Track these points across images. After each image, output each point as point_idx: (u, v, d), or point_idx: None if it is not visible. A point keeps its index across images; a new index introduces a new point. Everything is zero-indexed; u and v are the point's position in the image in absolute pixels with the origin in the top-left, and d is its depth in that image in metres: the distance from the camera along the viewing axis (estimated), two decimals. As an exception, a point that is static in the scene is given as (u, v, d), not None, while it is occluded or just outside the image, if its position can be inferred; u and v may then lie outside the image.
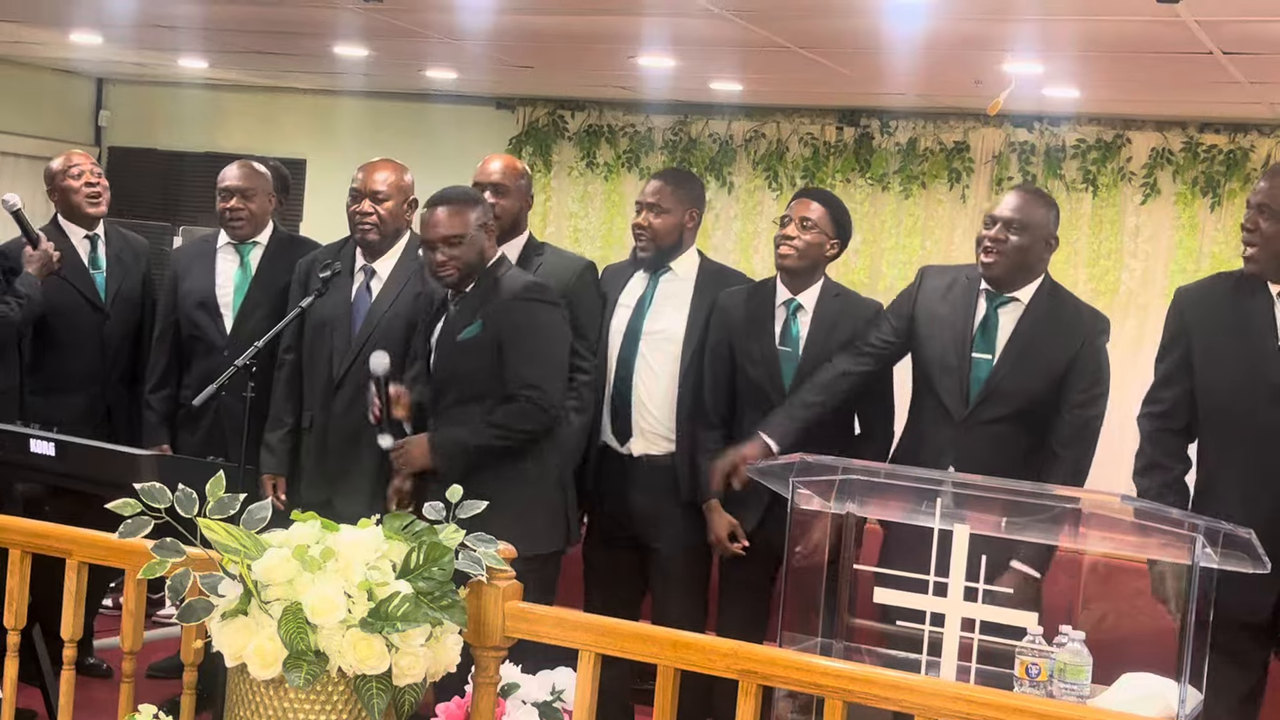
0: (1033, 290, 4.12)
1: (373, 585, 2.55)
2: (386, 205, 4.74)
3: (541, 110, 9.59)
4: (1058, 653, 3.01)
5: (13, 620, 3.22)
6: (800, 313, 4.43)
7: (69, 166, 5.31)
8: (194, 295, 5.14)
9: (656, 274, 4.66)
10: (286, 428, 4.85)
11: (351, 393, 4.71)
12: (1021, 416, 4.04)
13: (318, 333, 4.81)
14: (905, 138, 8.73)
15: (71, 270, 5.22)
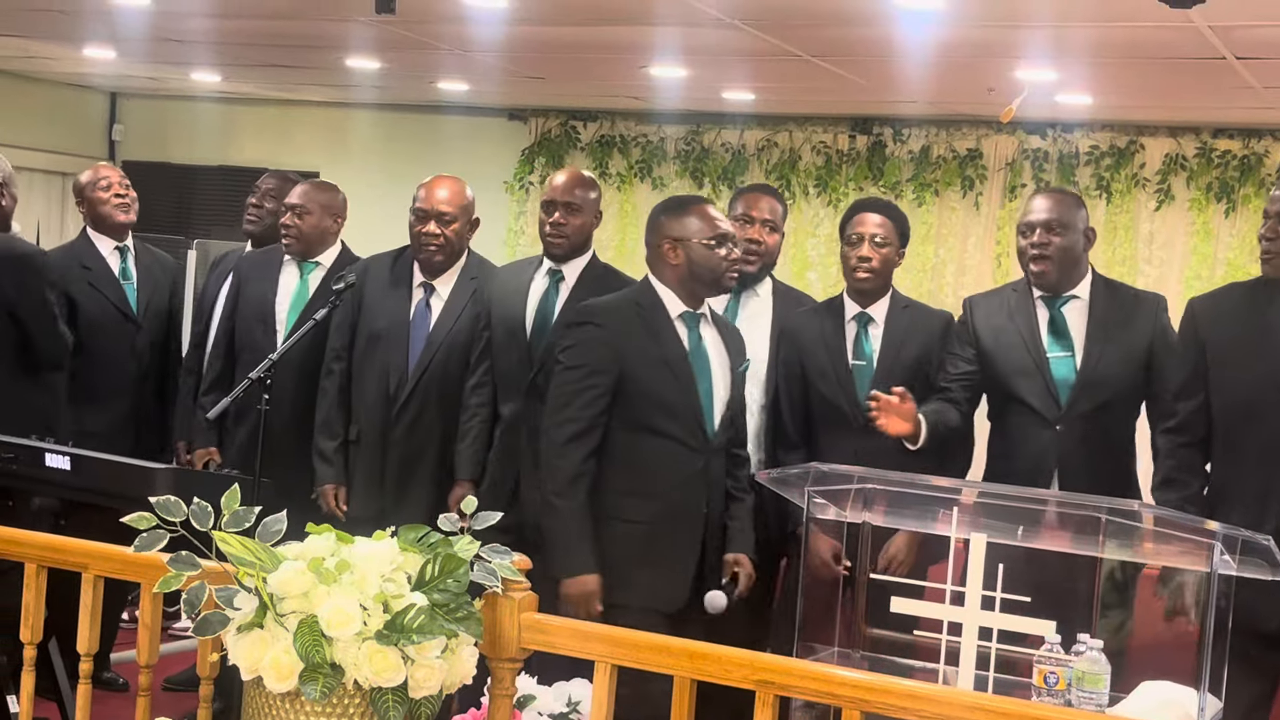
0: (1088, 284, 4.18)
1: (388, 597, 2.55)
2: (453, 227, 4.70)
3: (554, 121, 9.60)
4: (1076, 661, 2.99)
5: (29, 634, 3.21)
6: (871, 326, 4.38)
7: (98, 179, 5.36)
8: (253, 304, 5.12)
9: (739, 295, 4.53)
10: (340, 439, 4.79)
11: (415, 412, 4.68)
12: (1114, 406, 4.09)
13: (371, 344, 4.75)
14: (918, 145, 8.73)
15: (103, 282, 5.26)
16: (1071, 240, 4.13)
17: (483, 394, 4.64)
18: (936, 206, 8.70)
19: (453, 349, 4.69)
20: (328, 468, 4.77)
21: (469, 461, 4.61)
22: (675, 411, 3.84)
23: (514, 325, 4.58)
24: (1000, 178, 8.58)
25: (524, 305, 4.59)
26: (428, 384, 4.70)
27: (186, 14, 6.74)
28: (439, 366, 4.69)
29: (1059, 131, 8.38)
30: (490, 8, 5.88)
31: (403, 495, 4.67)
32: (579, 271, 4.59)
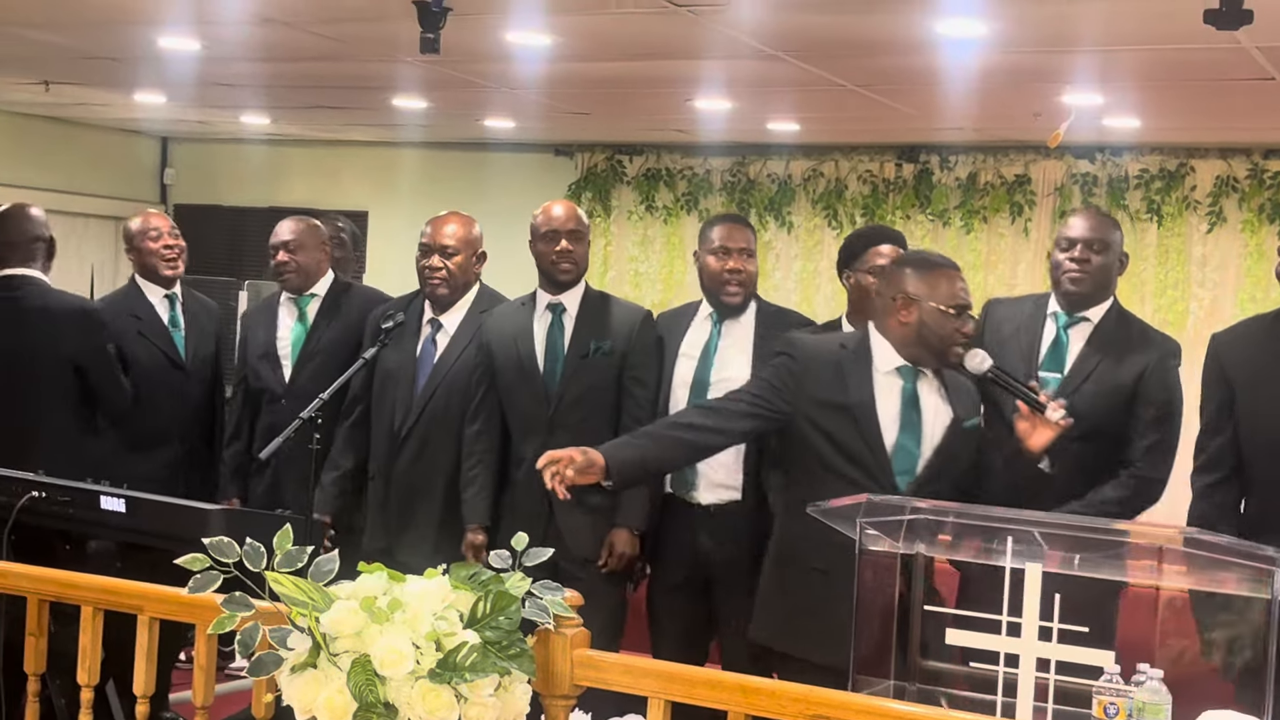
0: (1103, 311, 4.12)
1: (440, 635, 2.55)
2: (456, 260, 4.75)
3: (600, 155, 9.63)
4: (1136, 691, 2.95)
5: (86, 677, 3.23)
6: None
7: (147, 229, 5.41)
8: (258, 348, 5.22)
9: (720, 321, 4.58)
10: (339, 471, 4.90)
11: (417, 445, 4.75)
12: (1092, 437, 3.99)
13: (383, 384, 4.85)
14: (965, 172, 8.70)
15: (152, 330, 5.32)
16: (1109, 260, 4.10)
17: (485, 441, 4.67)
18: (985, 233, 8.66)
19: (455, 382, 4.74)
20: (319, 497, 4.84)
21: (479, 508, 4.65)
22: (858, 458, 3.72)
23: (526, 366, 4.61)
24: (1049, 203, 8.53)
25: (531, 345, 4.62)
26: (430, 417, 4.75)
27: (235, 58, 6.82)
28: (441, 400, 4.75)
29: (1108, 155, 8.33)
30: (535, 45, 5.92)
31: (406, 529, 4.74)
32: (579, 301, 4.64)
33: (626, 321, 4.61)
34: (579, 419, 4.55)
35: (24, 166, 9.57)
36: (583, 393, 4.56)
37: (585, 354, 4.56)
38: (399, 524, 4.76)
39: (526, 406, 4.62)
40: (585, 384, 4.57)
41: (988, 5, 4.87)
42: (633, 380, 4.54)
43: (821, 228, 9.03)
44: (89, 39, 6.49)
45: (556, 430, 4.53)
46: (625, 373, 4.54)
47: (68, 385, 5.03)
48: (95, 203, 10.01)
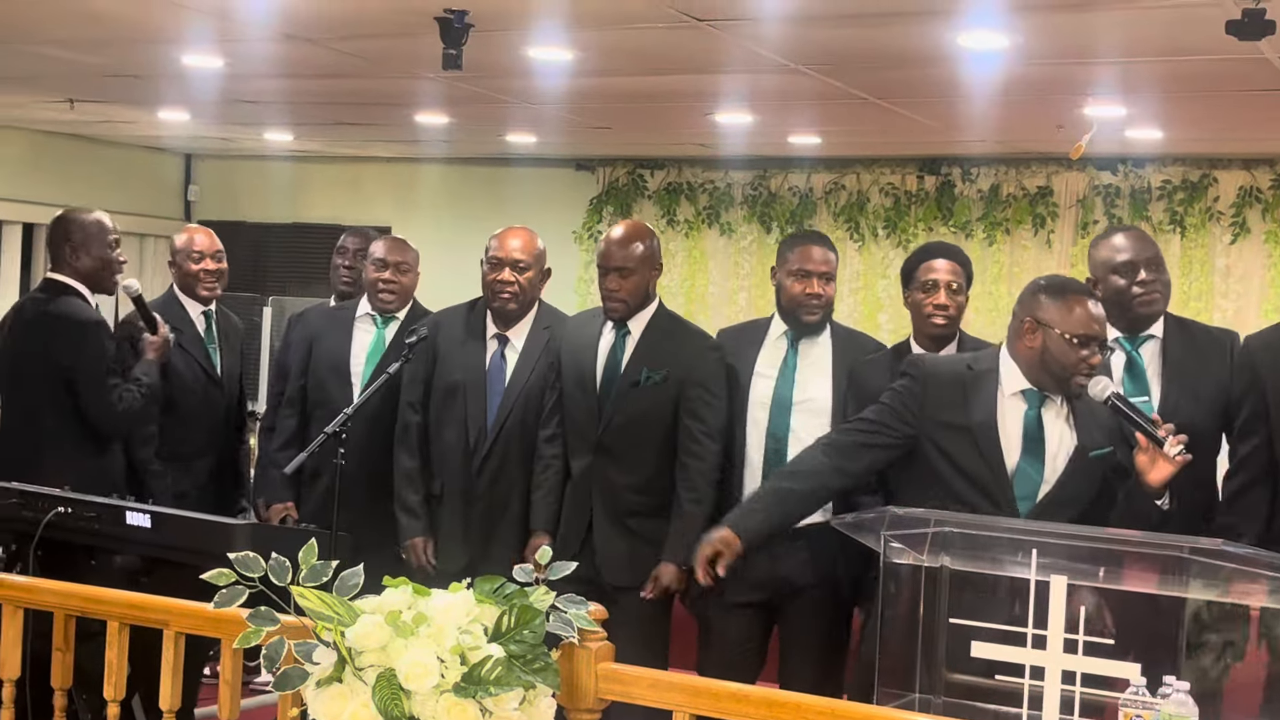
0: (1162, 323, 4.08)
1: (465, 649, 2.55)
2: (527, 275, 4.71)
3: (621, 170, 9.65)
4: (1162, 704, 2.94)
5: (112, 692, 3.25)
6: None
7: (191, 249, 5.43)
8: (328, 360, 5.16)
9: (796, 342, 4.49)
10: (424, 492, 4.80)
11: (497, 464, 4.69)
12: (1193, 450, 3.95)
13: (448, 397, 4.77)
14: (987, 184, 8.69)
15: (192, 344, 5.34)
16: (1168, 277, 4.07)
17: (557, 445, 4.63)
18: (1008, 245, 8.65)
19: (530, 399, 4.70)
20: (414, 521, 4.76)
21: (544, 512, 4.60)
22: (979, 480, 3.67)
23: (584, 379, 4.57)
24: (1072, 215, 8.51)
25: (593, 360, 4.57)
26: (508, 436, 4.71)
27: (258, 75, 6.86)
28: (517, 418, 4.70)
29: (1130, 167, 8.31)
30: (556, 60, 5.93)
31: (489, 548, 4.67)
32: (644, 324, 4.57)
33: (691, 350, 4.53)
34: (627, 445, 4.49)
35: (49, 184, 9.63)
36: (631, 419, 4.49)
37: (636, 381, 4.50)
38: (481, 544, 4.69)
39: (580, 421, 4.57)
40: (635, 411, 4.49)
41: (1010, 18, 4.87)
42: (689, 412, 4.44)
43: (843, 241, 9.02)
44: (113, 57, 6.53)
45: (602, 451, 4.50)
46: (683, 403, 4.45)
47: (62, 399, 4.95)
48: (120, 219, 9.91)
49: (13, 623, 3.39)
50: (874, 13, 4.89)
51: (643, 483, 4.49)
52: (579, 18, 5.25)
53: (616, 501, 4.50)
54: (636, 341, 4.55)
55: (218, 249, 5.50)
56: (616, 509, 4.49)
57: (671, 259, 9.47)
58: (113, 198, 10.02)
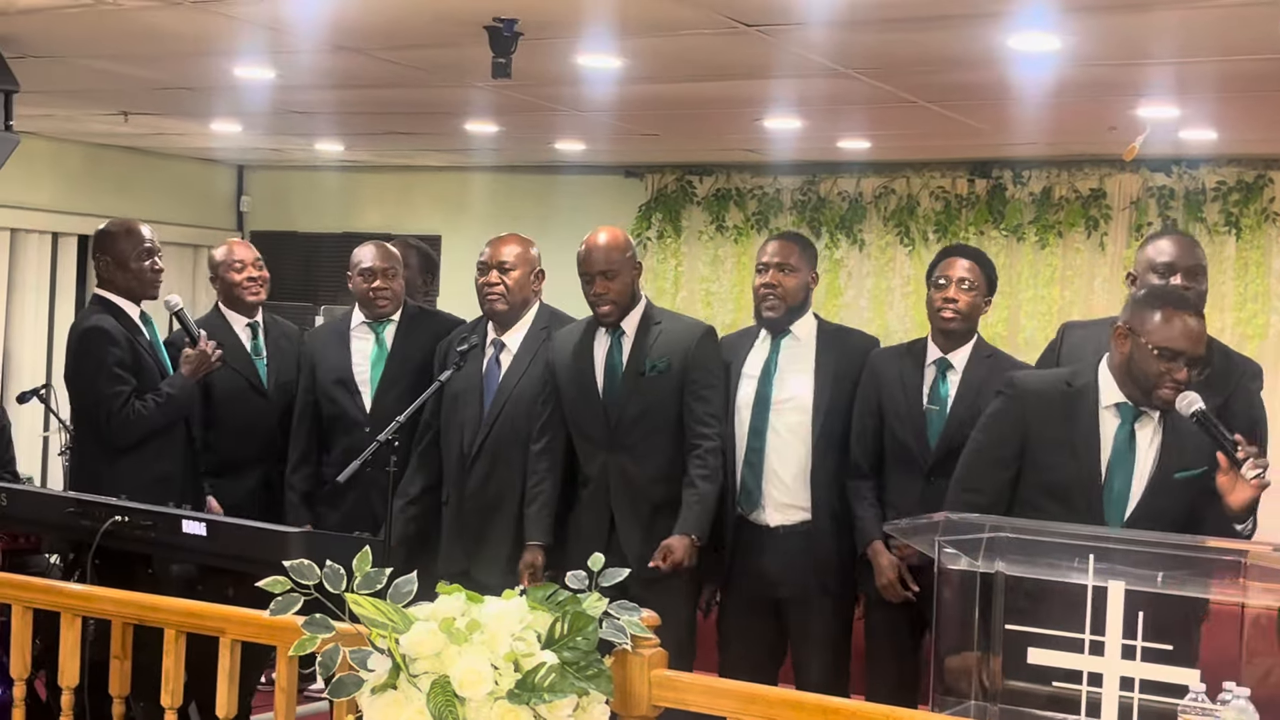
0: None
1: (519, 656, 2.55)
2: (513, 275, 4.81)
3: (670, 176, 9.65)
4: (1222, 711, 2.91)
5: (169, 699, 3.27)
6: (950, 372, 4.41)
7: (231, 260, 5.47)
8: (331, 374, 5.25)
9: (777, 339, 4.62)
10: (406, 498, 4.93)
11: (486, 465, 4.79)
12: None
13: (450, 406, 4.89)
14: (1039, 187, 8.63)
15: (235, 357, 5.37)
16: (1206, 289, 4.05)
17: (548, 458, 4.71)
18: (1060, 248, 8.58)
19: (520, 400, 4.79)
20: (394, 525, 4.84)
21: (539, 525, 4.68)
22: (1066, 497, 3.62)
23: (586, 386, 4.66)
24: (1125, 217, 8.44)
25: (592, 365, 4.66)
26: (498, 435, 4.79)
27: (309, 86, 6.90)
28: (508, 417, 4.79)
29: (1184, 168, 8.22)
30: (605, 68, 5.94)
31: (481, 547, 4.77)
32: (636, 322, 4.66)
33: (685, 338, 4.63)
34: (640, 437, 4.58)
35: (103, 196, 9.72)
36: (642, 411, 4.58)
37: (642, 372, 4.59)
38: (475, 544, 4.79)
39: (588, 426, 4.65)
40: (644, 403, 4.59)
41: (1061, 19, 4.84)
42: (693, 396, 4.55)
43: (894, 245, 8.98)
44: (166, 70, 6.59)
45: (618, 449, 4.59)
46: (686, 389, 4.55)
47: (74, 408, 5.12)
48: (173, 231, 10.13)
49: (71, 631, 3.43)
50: (923, 16, 4.87)
51: (660, 473, 4.58)
52: (627, 25, 5.25)
53: (638, 495, 4.59)
54: (633, 338, 4.65)
55: (257, 257, 5.54)
56: (638, 503, 4.58)
57: (721, 265, 9.46)
58: (166, 209, 10.13)
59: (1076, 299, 8.48)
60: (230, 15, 5.31)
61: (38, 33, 5.71)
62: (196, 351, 5.08)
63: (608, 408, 4.62)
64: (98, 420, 4.94)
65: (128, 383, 4.94)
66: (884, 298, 8.95)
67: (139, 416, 4.92)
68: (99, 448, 5.00)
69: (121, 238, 5.12)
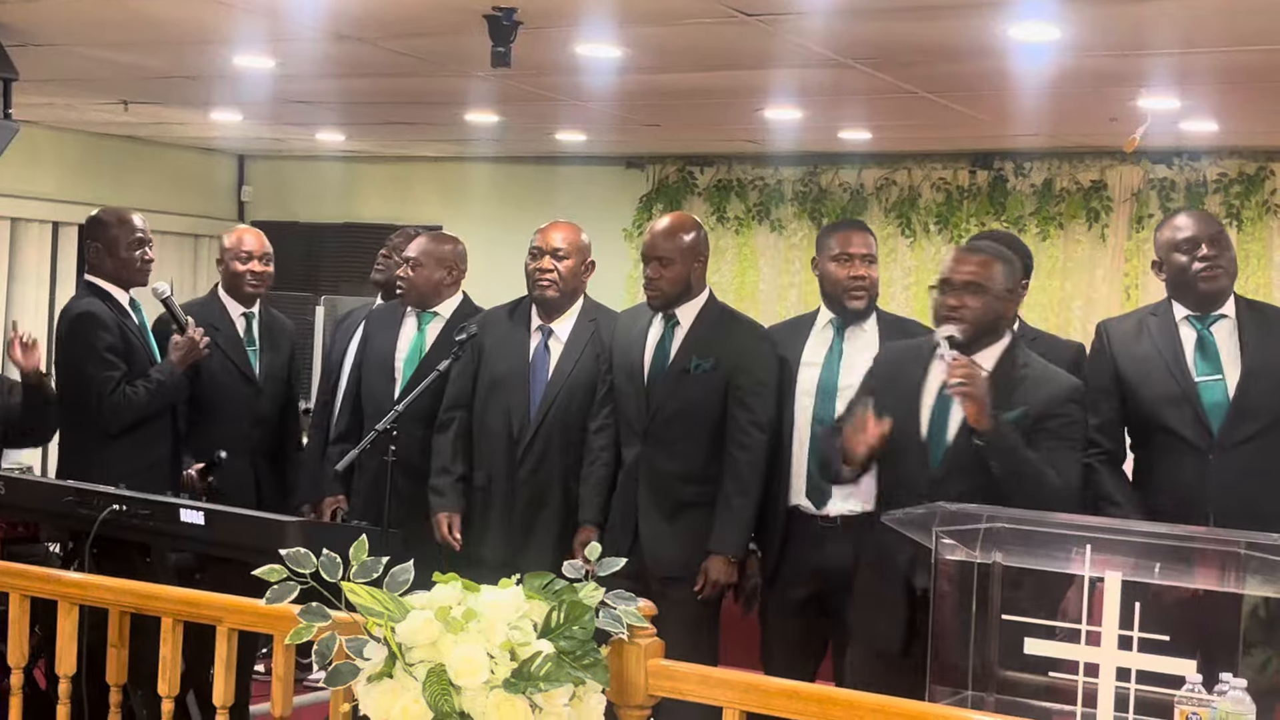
0: (1233, 304, 4.05)
1: (515, 645, 2.55)
2: (566, 263, 4.77)
3: (671, 167, 9.64)
4: (1219, 701, 2.90)
5: (166, 688, 3.27)
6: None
7: (240, 250, 5.47)
8: (374, 356, 5.24)
9: (842, 330, 4.49)
10: (455, 475, 4.83)
11: (539, 454, 4.73)
12: (1270, 431, 3.93)
13: (493, 390, 4.82)
14: (1040, 179, 8.62)
15: (229, 344, 5.37)
16: (1234, 253, 4.04)
17: (605, 436, 4.65)
18: (1061, 240, 8.57)
19: (574, 390, 4.74)
20: (440, 499, 4.81)
21: (592, 505, 4.63)
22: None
23: (633, 371, 4.60)
24: (1126, 209, 8.43)
25: (641, 351, 4.59)
26: (550, 425, 4.73)
27: (309, 75, 6.89)
28: (560, 408, 4.73)
29: (1185, 160, 8.21)
30: (606, 58, 5.93)
31: (529, 537, 4.72)
32: (694, 315, 4.59)
33: (740, 340, 4.55)
34: (674, 434, 4.51)
35: (103, 185, 9.72)
36: (680, 408, 4.51)
37: (686, 369, 4.52)
38: (522, 534, 4.73)
39: (629, 413, 4.60)
40: (684, 400, 4.51)
41: (1062, 9, 4.83)
42: (737, 402, 4.45)
43: (895, 236, 8.97)
44: (166, 59, 6.58)
45: (651, 442, 4.53)
46: (730, 393, 4.46)
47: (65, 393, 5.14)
48: (174, 220, 10.13)
49: (69, 619, 3.43)
50: (924, 6, 4.86)
51: (692, 472, 4.50)
52: (628, 14, 5.25)
53: (665, 492, 4.51)
54: (686, 331, 4.57)
55: (266, 251, 5.53)
56: (664, 499, 4.51)
57: (721, 256, 9.44)
58: (167, 199, 10.13)
59: (1077, 291, 8.48)
60: (230, 3, 5.31)
61: (38, 21, 5.70)
62: (185, 339, 5.09)
63: (649, 399, 4.54)
64: (89, 404, 4.95)
65: (118, 367, 4.95)
66: (885, 289, 8.92)
67: (130, 402, 4.93)
68: (89, 433, 5.00)
69: (113, 225, 5.14)
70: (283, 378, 5.57)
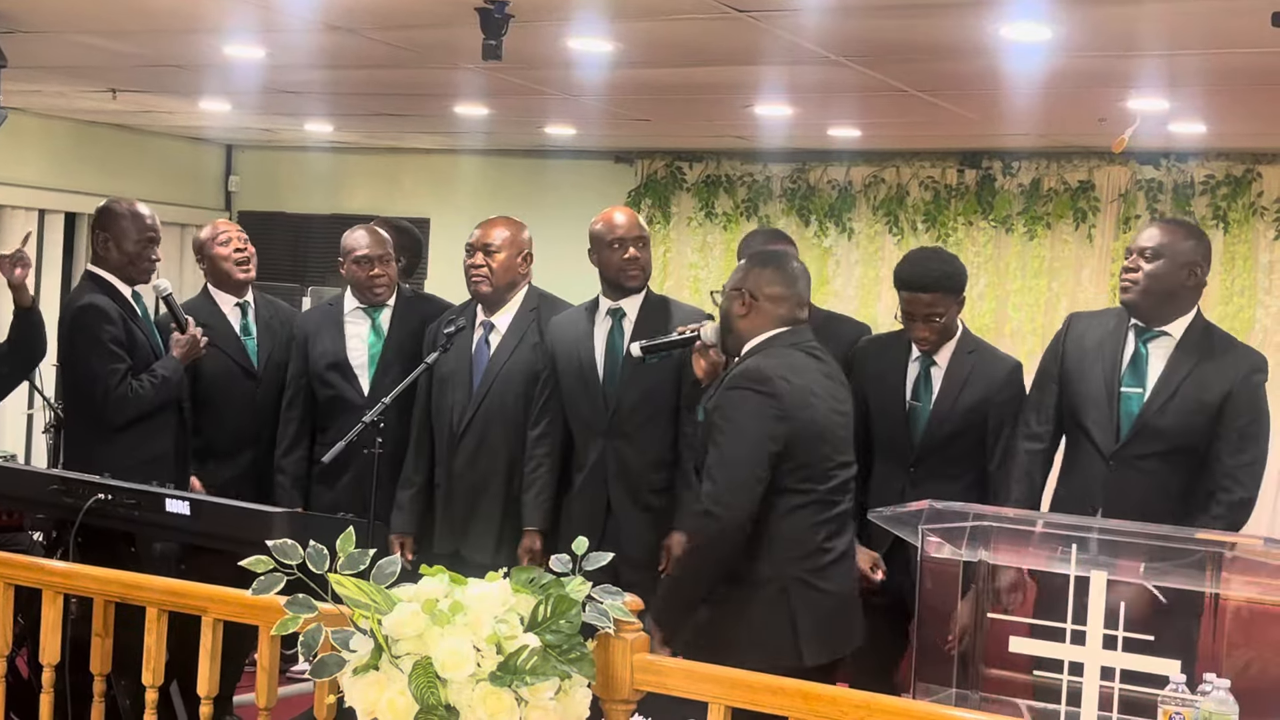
0: (1184, 325, 4.05)
1: (501, 639, 2.56)
2: (498, 258, 4.83)
3: (660, 162, 9.63)
4: (1202, 702, 2.92)
5: (150, 678, 3.27)
6: (933, 368, 4.41)
7: (217, 234, 5.45)
8: (325, 358, 5.23)
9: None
10: (415, 487, 4.93)
11: (474, 444, 4.80)
12: (1173, 454, 3.96)
13: (440, 388, 4.91)
14: (1028, 178, 8.63)
15: (224, 338, 5.35)
16: (1165, 270, 4.01)
17: (546, 444, 4.72)
18: (1049, 239, 8.59)
19: (510, 378, 4.81)
20: (398, 516, 4.93)
21: (536, 511, 4.69)
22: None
23: (586, 371, 4.67)
24: (1114, 209, 8.44)
25: (591, 350, 4.68)
26: (486, 414, 4.80)
27: (299, 65, 6.87)
28: (497, 397, 4.80)
29: (1173, 161, 8.23)
30: (596, 52, 5.92)
31: (469, 526, 4.78)
32: (639, 306, 4.70)
33: (685, 324, 4.61)
34: (638, 424, 4.59)
35: (91, 174, 9.69)
36: (641, 397, 4.60)
37: (643, 358, 4.57)
38: (463, 524, 4.79)
39: (586, 412, 4.65)
40: (643, 388, 4.60)
41: (1051, 9, 4.83)
42: (693, 384, 4.52)
43: (882, 234, 8.99)
44: (156, 47, 6.56)
45: (616, 435, 4.60)
46: (685, 376, 4.54)
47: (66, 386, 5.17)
48: (161, 210, 9.95)
49: (53, 608, 3.42)
50: (915, 4, 4.87)
51: (659, 458, 4.59)
52: (619, 9, 5.24)
53: (636, 482, 4.60)
54: (634, 322, 4.67)
55: (242, 233, 5.52)
56: (636, 489, 4.58)
57: (709, 251, 9.45)
58: (154, 188, 10.09)
59: (1064, 290, 8.49)
60: (220, -7, 5.30)
61: (27, 7, 5.68)
62: (187, 337, 5.08)
63: (607, 393, 4.62)
64: (94, 397, 4.93)
65: (123, 360, 4.94)
66: (872, 287, 8.96)
67: (135, 395, 4.92)
68: (93, 426, 4.99)
69: (126, 219, 5.13)
70: (283, 367, 5.52)
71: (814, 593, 3.62)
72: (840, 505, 3.74)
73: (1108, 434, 4.00)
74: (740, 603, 3.59)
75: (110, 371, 4.90)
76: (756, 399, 3.62)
